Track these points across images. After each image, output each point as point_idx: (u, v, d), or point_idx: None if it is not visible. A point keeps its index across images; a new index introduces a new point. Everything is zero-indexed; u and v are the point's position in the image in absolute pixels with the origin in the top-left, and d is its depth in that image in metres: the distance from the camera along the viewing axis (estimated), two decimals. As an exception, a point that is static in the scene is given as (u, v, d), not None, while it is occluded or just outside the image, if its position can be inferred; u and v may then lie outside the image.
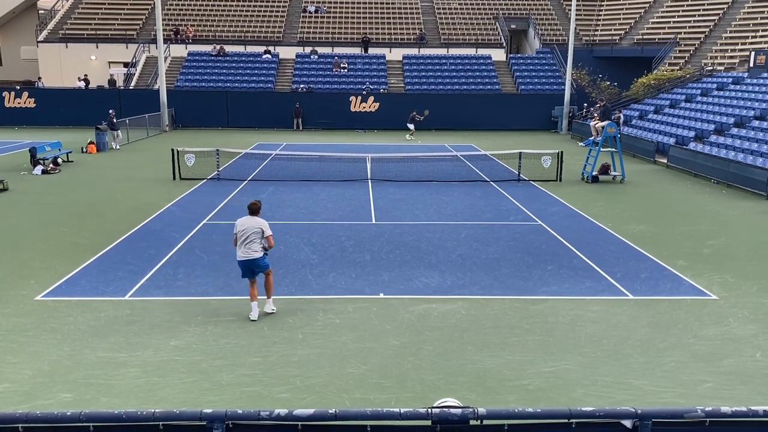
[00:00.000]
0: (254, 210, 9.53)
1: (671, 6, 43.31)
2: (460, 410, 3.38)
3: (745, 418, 3.38)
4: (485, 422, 3.39)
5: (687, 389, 7.47)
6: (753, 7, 38.49)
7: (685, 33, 40.21)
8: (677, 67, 37.33)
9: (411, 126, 34.19)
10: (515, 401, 7.13)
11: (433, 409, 3.38)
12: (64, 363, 7.94)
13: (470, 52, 43.96)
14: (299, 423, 3.34)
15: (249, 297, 9.57)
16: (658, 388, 7.49)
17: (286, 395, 7.24)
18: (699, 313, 9.80)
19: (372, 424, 3.38)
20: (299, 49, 43.89)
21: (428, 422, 3.38)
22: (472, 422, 3.39)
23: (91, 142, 27.75)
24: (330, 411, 3.29)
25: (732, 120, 26.27)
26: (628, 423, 3.40)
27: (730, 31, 37.91)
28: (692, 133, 26.86)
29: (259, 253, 9.36)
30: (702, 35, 39.33)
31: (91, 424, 3.28)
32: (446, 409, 3.41)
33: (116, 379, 7.57)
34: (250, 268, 9.44)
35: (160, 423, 3.30)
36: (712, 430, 3.41)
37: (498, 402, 7.07)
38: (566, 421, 3.40)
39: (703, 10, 41.03)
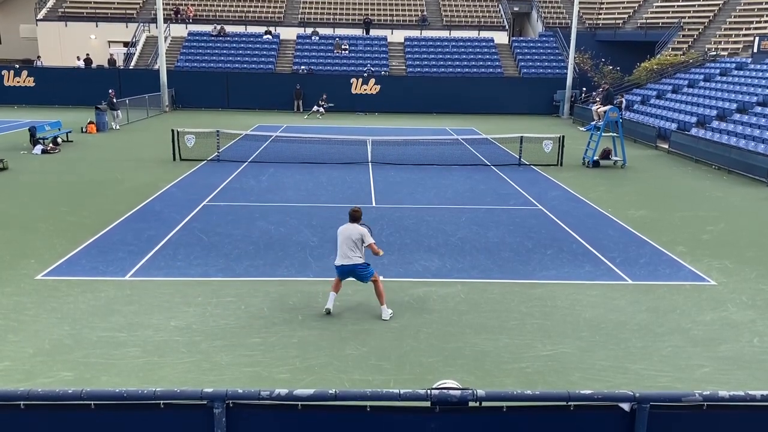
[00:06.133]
0: (355, 217, 8.94)
1: (675, -10, 42.97)
2: (459, 392, 3.40)
3: (742, 402, 3.40)
4: (484, 404, 3.41)
5: (684, 374, 7.51)
6: (758, -8, 38.17)
7: (688, 18, 39.90)
8: (680, 52, 37.10)
9: (318, 108, 35.37)
10: (513, 384, 7.17)
11: (433, 391, 3.40)
12: (65, 342, 7.98)
13: (472, 34, 43.66)
14: (299, 403, 3.36)
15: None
16: (655, 372, 7.53)
17: (285, 376, 7.29)
18: (697, 299, 9.83)
19: (371, 404, 3.39)
20: (300, 30, 43.57)
21: (427, 403, 3.40)
22: (471, 404, 3.41)
23: (90, 122, 27.65)
24: (330, 391, 3.31)
25: (734, 106, 26.15)
26: (626, 406, 3.42)
27: (735, 16, 37.63)
28: (694, 119, 26.75)
29: (359, 260, 8.82)
30: (706, 20, 39.05)
31: (92, 402, 3.30)
32: (446, 391, 3.43)
33: (116, 358, 7.61)
34: (349, 274, 8.95)
35: (161, 402, 3.32)
36: (709, 414, 3.43)
37: (495, 385, 7.11)
38: (565, 403, 3.42)
39: (708, -6, 40.72)
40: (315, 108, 35.50)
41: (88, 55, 40.34)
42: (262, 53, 41.13)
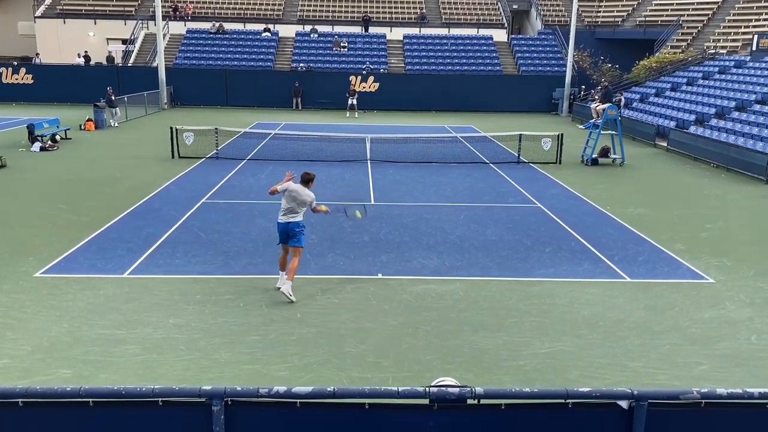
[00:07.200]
0: (305, 180, 9.66)
1: (675, -12, 42.96)
2: (457, 389, 3.40)
3: (740, 400, 3.41)
4: (482, 401, 3.41)
5: (682, 371, 7.52)
6: (757, -10, 38.18)
7: (688, 15, 39.90)
8: (679, 50, 37.10)
9: (353, 101, 35.58)
10: (511, 381, 7.18)
11: (431, 388, 3.40)
12: (63, 339, 7.98)
13: (471, 32, 43.63)
14: (298, 400, 3.36)
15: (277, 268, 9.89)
16: (653, 370, 7.54)
17: (284, 373, 7.29)
18: (695, 297, 9.84)
19: (370, 402, 3.40)
20: (299, 28, 43.52)
21: (426, 401, 3.40)
22: (470, 401, 3.41)
23: (89, 120, 27.61)
24: (328, 389, 3.31)
25: (733, 104, 26.16)
26: (624, 404, 3.42)
27: (734, 14, 37.63)
28: (693, 117, 26.77)
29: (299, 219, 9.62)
30: (705, 18, 39.05)
31: (90, 400, 3.30)
32: (444, 388, 3.43)
33: (115, 355, 7.61)
34: (284, 233, 9.63)
35: (160, 399, 3.31)
36: (707, 412, 3.43)
37: (494, 382, 7.11)
38: (563, 401, 3.42)
39: (707, -8, 40.72)
40: (354, 102, 35.62)
41: (86, 52, 40.28)
42: (260, 51, 41.08)
